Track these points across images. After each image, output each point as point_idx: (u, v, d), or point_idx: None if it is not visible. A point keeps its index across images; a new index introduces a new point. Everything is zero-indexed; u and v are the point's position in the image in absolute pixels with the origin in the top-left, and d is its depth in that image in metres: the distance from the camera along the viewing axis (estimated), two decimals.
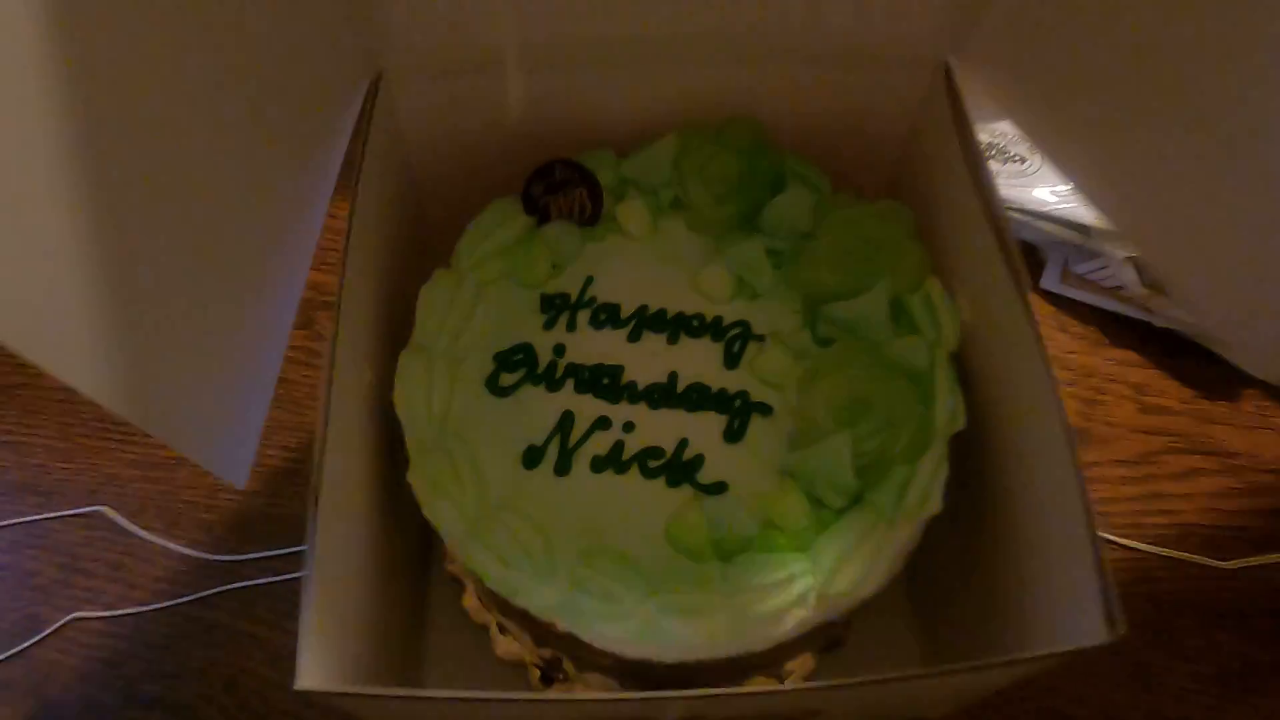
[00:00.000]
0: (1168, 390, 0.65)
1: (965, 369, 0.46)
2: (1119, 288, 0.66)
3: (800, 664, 0.50)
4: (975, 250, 0.44)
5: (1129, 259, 0.63)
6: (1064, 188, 0.68)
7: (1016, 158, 0.70)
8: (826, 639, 0.51)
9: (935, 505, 0.40)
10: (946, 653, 0.49)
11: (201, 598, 0.56)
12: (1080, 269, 0.68)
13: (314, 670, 0.33)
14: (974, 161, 0.44)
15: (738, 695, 0.35)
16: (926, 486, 0.40)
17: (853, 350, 0.41)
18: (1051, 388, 0.38)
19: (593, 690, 0.46)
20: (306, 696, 0.32)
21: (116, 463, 0.61)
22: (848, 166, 0.50)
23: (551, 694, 0.52)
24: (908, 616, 0.53)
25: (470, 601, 0.55)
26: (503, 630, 0.54)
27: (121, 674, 0.53)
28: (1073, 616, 0.35)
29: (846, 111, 0.51)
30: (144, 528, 0.58)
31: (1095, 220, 0.65)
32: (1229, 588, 0.57)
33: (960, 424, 0.42)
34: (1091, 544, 0.34)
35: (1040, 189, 0.68)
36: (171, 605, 0.56)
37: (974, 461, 0.45)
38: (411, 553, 0.51)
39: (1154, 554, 0.58)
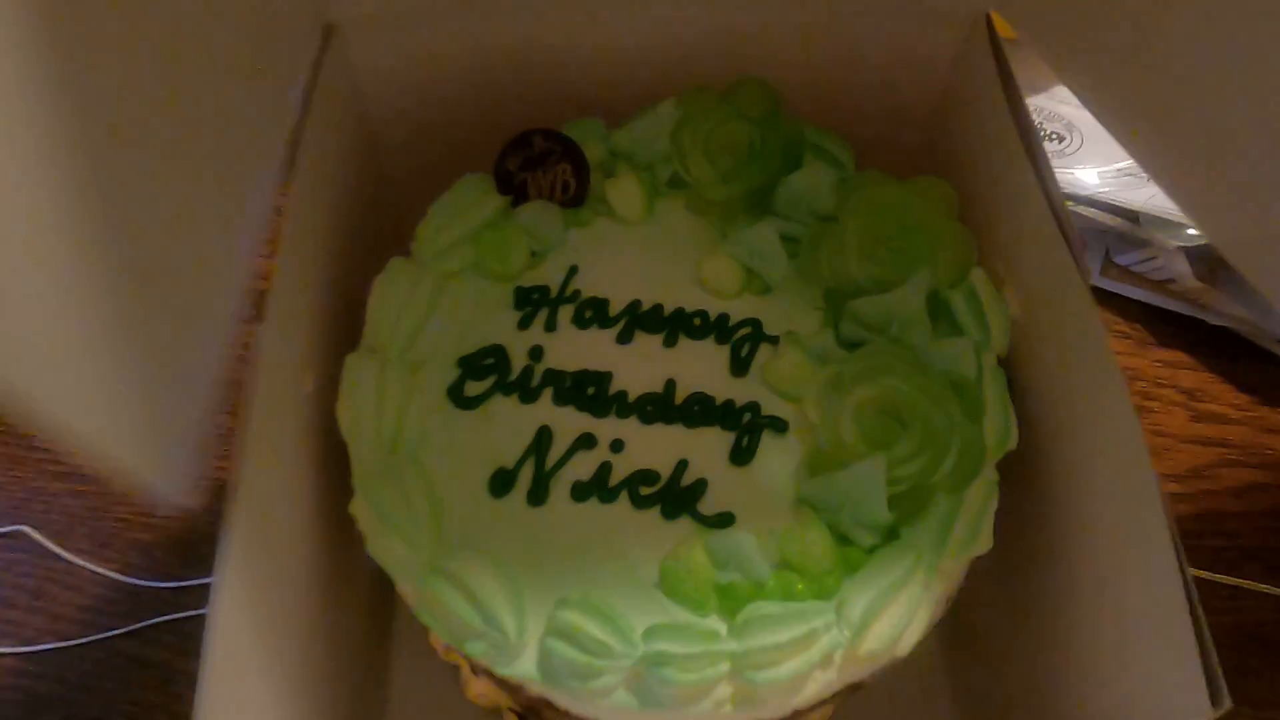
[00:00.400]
0: (1223, 396, 0.59)
1: (1016, 377, 0.39)
2: (1169, 281, 0.59)
3: (817, 713, 0.44)
4: (1028, 234, 0.38)
5: (1182, 248, 0.57)
6: (1108, 168, 0.61)
7: (1054, 136, 0.63)
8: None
9: (985, 543, 0.33)
10: (981, 694, 0.42)
11: (134, 630, 0.49)
12: (1125, 260, 0.61)
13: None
14: (1024, 127, 0.37)
15: None
16: (975, 520, 0.33)
17: (885, 355, 0.34)
18: (1124, 399, 0.31)
19: None
20: None
21: (41, 475, 0.54)
22: (873, 137, 0.43)
23: None
24: (935, 647, 0.46)
25: (438, 638, 0.48)
26: (475, 671, 0.47)
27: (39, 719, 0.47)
28: (1156, 686, 0.28)
29: (871, 71, 0.44)
30: (70, 550, 0.51)
31: (1145, 204, 0.58)
32: None
33: (1012, 443, 0.35)
34: (1185, 594, 0.28)
35: (1081, 170, 0.61)
36: (99, 639, 0.49)
37: (1025, 487, 0.38)
38: (370, 582, 0.44)
39: (1210, 581, 0.52)
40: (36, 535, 0.52)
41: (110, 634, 0.49)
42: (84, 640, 0.49)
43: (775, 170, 0.41)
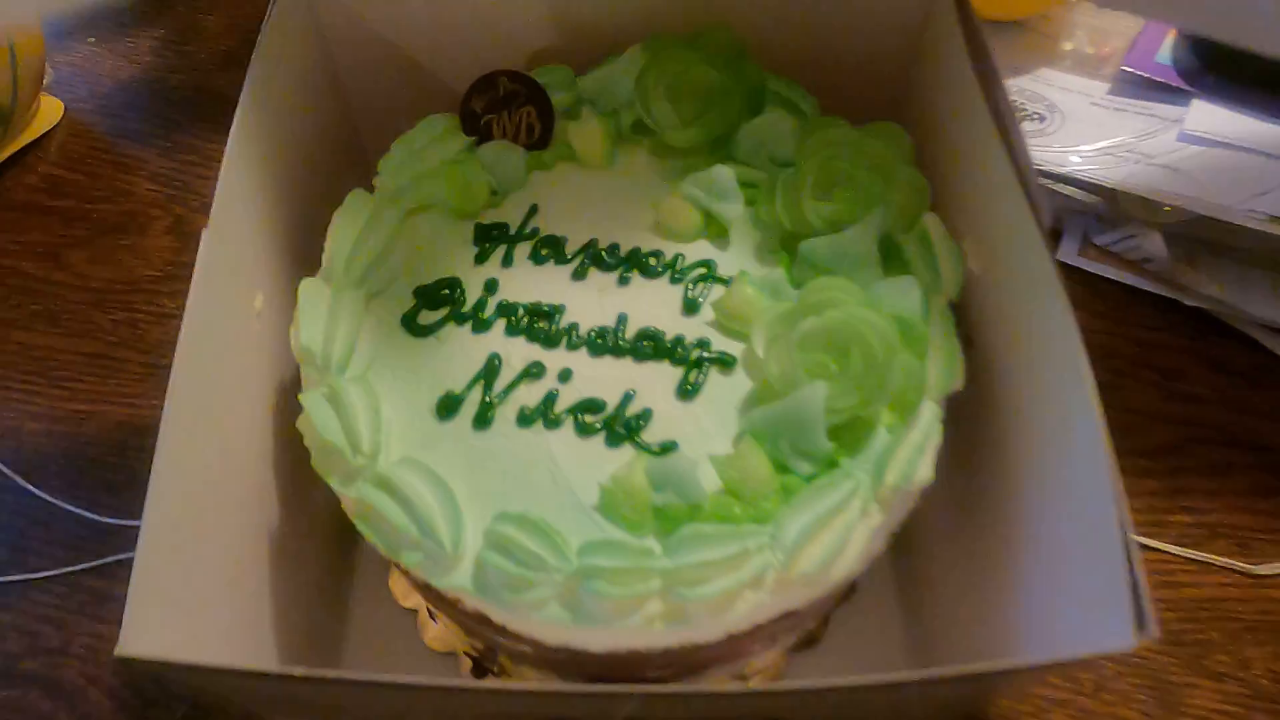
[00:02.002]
0: (1197, 376, 0.58)
1: (971, 326, 0.39)
2: (1146, 261, 0.59)
3: (767, 663, 0.44)
4: (987, 183, 0.38)
5: (1158, 227, 0.57)
6: (1088, 148, 0.61)
7: (1035, 116, 0.64)
8: (798, 635, 0.45)
9: (924, 477, 0.33)
10: (937, 653, 0.42)
11: (97, 566, 0.50)
12: (1102, 240, 0.61)
13: (145, 635, 0.26)
14: (987, 76, 0.37)
15: (675, 695, 0.28)
16: (914, 454, 0.33)
17: (832, 289, 0.35)
18: (1077, 347, 0.31)
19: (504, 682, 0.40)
20: (136, 666, 0.26)
21: (16, 414, 0.55)
22: (840, 91, 0.43)
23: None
24: (893, 609, 0.46)
25: (397, 583, 0.49)
26: (433, 616, 0.47)
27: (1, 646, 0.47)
28: (1093, 617, 0.28)
29: (838, 27, 0.44)
30: (42, 487, 0.52)
31: (1122, 183, 0.58)
32: (1261, 597, 0.51)
33: (958, 383, 0.36)
34: (1121, 532, 0.28)
35: (1061, 150, 0.61)
36: (63, 573, 0.49)
37: (978, 434, 0.38)
38: (329, 523, 0.45)
39: (1178, 556, 0.52)
40: (8, 472, 0.52)
41: (74, 569, 0.50)
42: (49, 574, 0.49)
43: (737, 117, 0.41)
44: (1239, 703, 0.47)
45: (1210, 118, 0.60)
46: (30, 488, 0.52)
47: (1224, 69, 0.61)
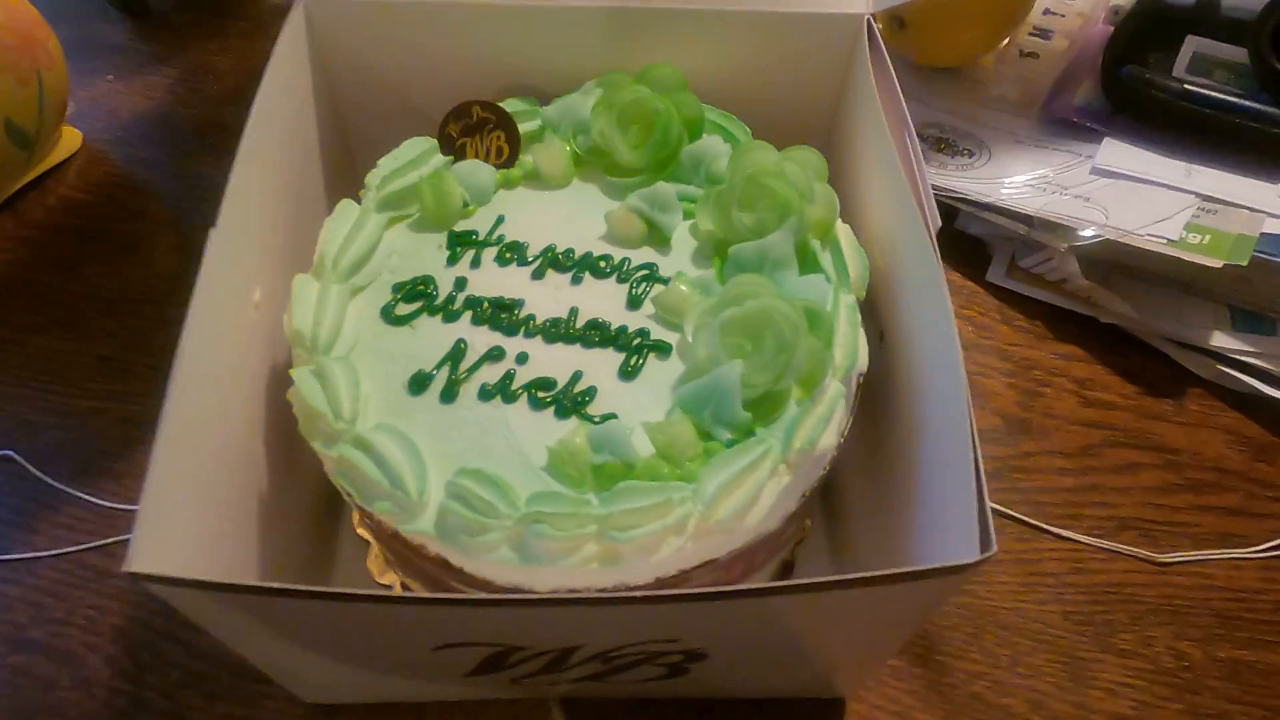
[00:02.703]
0: (1110, 385, 0.64)
1: (883, 321, 0.45)
2: (1063, 280, 0.65)
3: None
4: (888, 192, 0.44)
5: (1071, 249, 0.63)
6: (1013, 180, 0.67)
7: (965, 151, 0.70)
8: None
9: (828, 443, 0.39)
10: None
11: (100, 546, 0.54)
12: (1026, 263, 0.67)
13: (152, 554, 0.31)
14: (895, 112, 0.44)
15: (575, 601, 0.32)
16: (818, 423, 0.39)
17: (752, 284, 0.40)
18: (951, 336, 0.37)
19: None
20: (148, 587, 0.31)
21: (32, 409, 0.60)
22: (771, 122, 0.50)
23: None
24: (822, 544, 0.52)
25: (374, 562, 0.53)
26: (406, 588, 0.52)
27: (6, 619, 0.51)
28: (953, 540, 0.33)
29: (770, 67, 0.51)
30: (51, 475, 0.57)
31: (1039, 210, 0.64)
32: (1165, 583, 0.55)
33: (861, 364, 0.41)
34: (973, 467, 0.33)
35: (989, 183, 0.68)
36: (69, 552, 0.54)
37: (887, 409, 0.44)
38: (313, 506, 0.50)
39: (1090, 545, 0.57)
40: (22, 461, 0.57)
41: (79, 548, 0.54)
42: (55, 552, 0.54)
43: (678, 141, 0.47)
44: (1142, 676, 0.52)
45: (1119, 154, 0.66)
46: (41, 475, 0.57)
47: (1131, 112, 0.68)
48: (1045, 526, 0.57)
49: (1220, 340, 0.62)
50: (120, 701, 0.49)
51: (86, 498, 0.56)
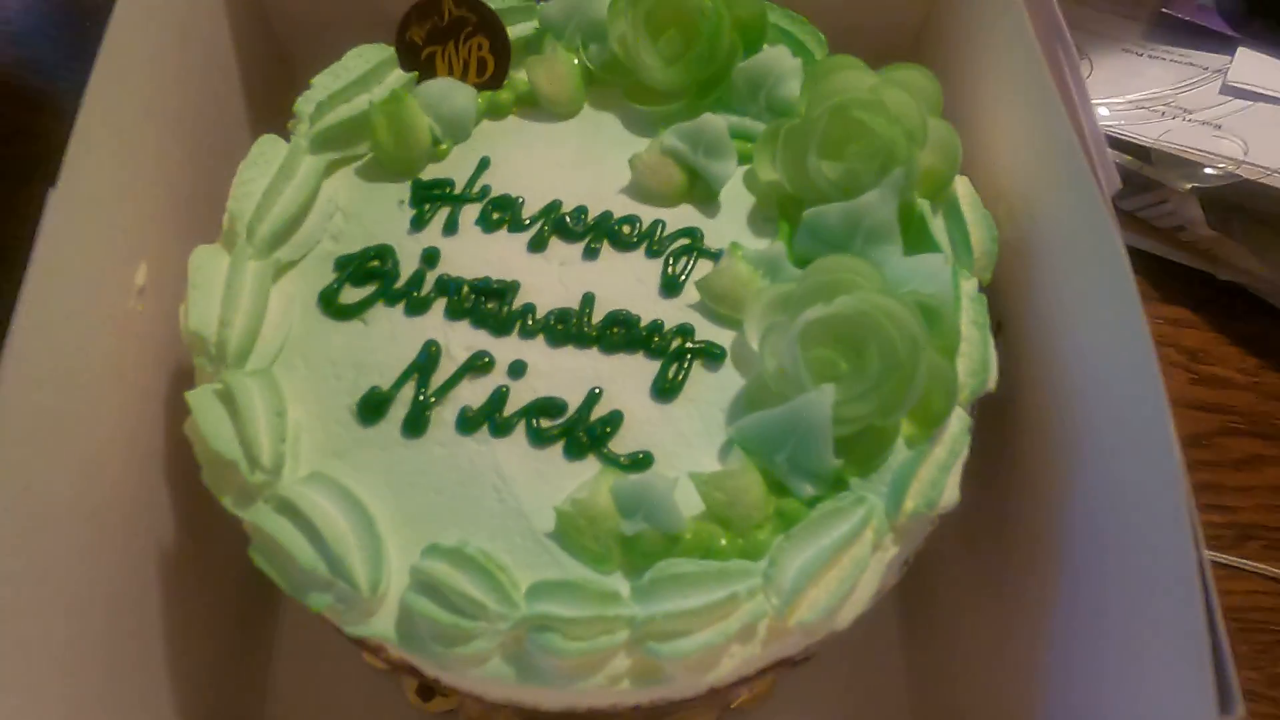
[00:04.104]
0: (1228, 358, 0.54)
1: (1002, 311, 0.33)
2: (1179, 229, 0.54)
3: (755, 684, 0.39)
4: (1032, 137, 0.31)
5: (1196, 190, 0.51)
6: (1120, 100, 0.55)
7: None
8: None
9: (951, 499, 0.28)
10: (941, 685, 0.37)
11: None
12: (1130, 204, 0.56)
13: None
14: (1045, 18, 0.31)
15: None
16: (939, 474, 0.28)
17: (843, 270, 0.29)
18: (1146, 347, 0.25)
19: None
20: None
21: None
22: (854, 25, 0.37)
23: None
24: (891, 624, 0.42)
25: None
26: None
27: None
28: (1155, 692, 0.23)
29: None
30: None
31: (1158, 140, 0.52)
32: None
33: (990, 384, 0.30)
34: (1200, 579, 0.22)
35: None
36: None
37: (1005, 440, 0.33)
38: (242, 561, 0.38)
39: (1208, 559, 0.47)
40: None
41: None
42: None
43: (729, 54, 0.35)
44: None
45: (1258, 69, 0.55)
46: None
47: (1275, 12, 0.55)
48: None
49: None
50: None
51: None
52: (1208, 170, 0.51)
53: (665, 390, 0.30)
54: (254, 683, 0.39)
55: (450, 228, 0.33)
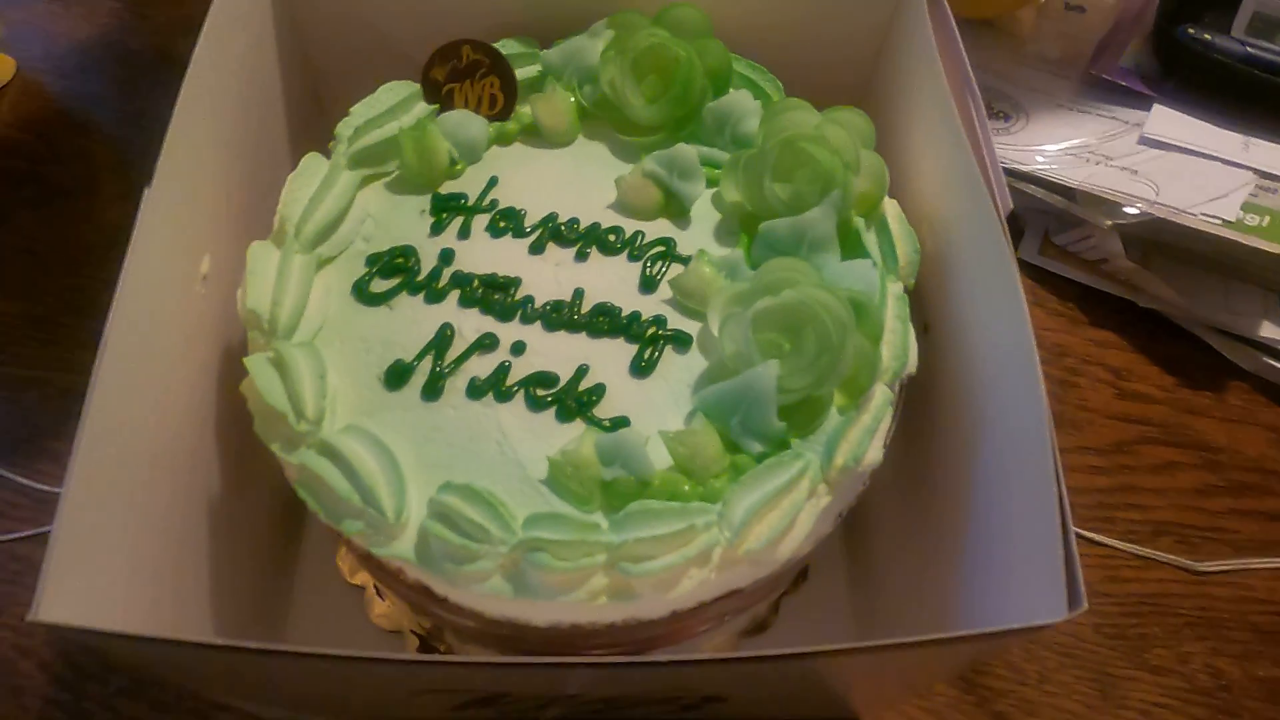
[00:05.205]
0: (1148, 376, 0.59)
1: (928, 312, 0.39)
2: (1103, 261, 0.60)
3: (714, 648, 0.44)
4: (946, 168, 0.38)
5: (1115, 226, 0.57)
6: (1052, 148, 0.61)
7: (999, 114, 0.64)
8: (749, 621, 0.45)
9: (874, 459, 0.34)
10: (884, 634, 0.42)
11: (35, 535, 0.48)
12: (1062, 240, 0.62)
13: (64, 601, 0.25)
14: (955, 65, 0.38)
15: (622, 666, 0.28)
16: (864, 436, 0.33)
17: (788, 270, 0.35)
18: (1028, 338, 0.31)
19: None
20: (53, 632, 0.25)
21: None
22: (805, 75, 0.43)
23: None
24: (842, 595, 0.47)
25: (344, 559, 0.48)
26: (380, 593, 0.47)
27: None
28: (1030, 593, 0.28)
29: (806, 9, 0.44)
30: None
31: (1082, 183, 0.58)
32: (1202, 594, 0.52)
33: (911, 366, 0.36)
34: (1055, 495, 0.28)
35: (1025, 149, 0.62)
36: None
37: (930, 417, 0.39)
38: (275, 495, 0.44)
39: (1123, 551, 0.53)
40: None
41: (10, 537, 0.48)
42: None
43: (701, 95, 0.41)
44: (1177, 696, 0.48)
45: (1170, 123, 0.61)
46: None
47: (1185, 75, 0.62)
48: (1077, 530, 0.53)
49: (1269, 331, 0.58)
50: (57, 713, 0.44)
51: (19, 480, 0.50)
52: (1126, 209, 0.57)
53: (641, 368, 0.36)
54: (271, 635, 0.44)
55: (464, 233, 0.39)
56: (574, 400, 0.35)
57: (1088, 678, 0.48)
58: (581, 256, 0.38)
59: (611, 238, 0.39)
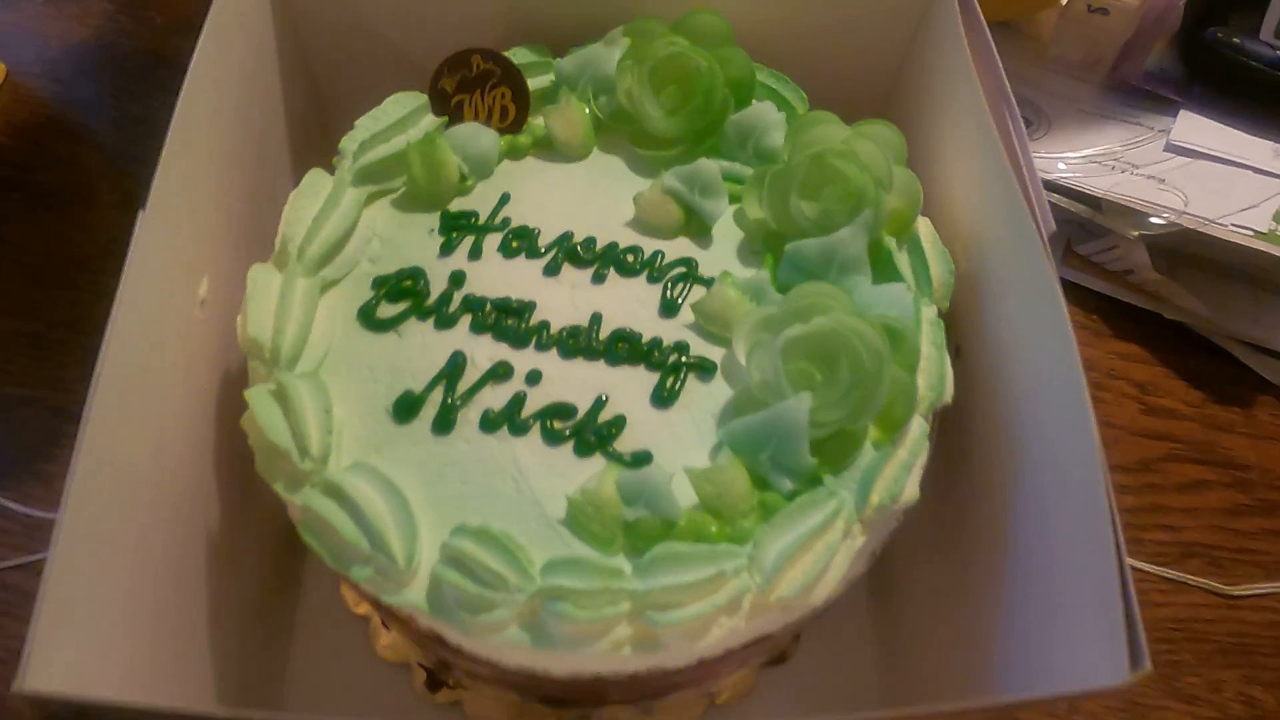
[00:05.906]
0: (1174, 391, 0.58)
1: (961, 335, 0.38)
2: (1128, 272, 0.58)
3: (735, 681, 0.42)
4: (982, 185, 0.36)
5: (1142, 237, 0.56)
6: (1075, 155, 0.60)
7: (1023, 120, 0.62)
8: (767, 651, 0.43)
9: (911, 495, 0.32)
10: (910, 675, 0.40)
11: (26, 564, 0.46)
12: (1085, 249, 0.60)
13: (53, 665, 0.24)
14: (989, 72, 0.36)
15: None
16: (901, 472, 0.31)
17: (819, 295, 0.33)
18: (1073, 364, 0.29)
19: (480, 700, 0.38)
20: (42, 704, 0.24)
21: None
22: (829, 85, 0.41)
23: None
24: (865, 626, 0.45)
25: (348, 589, 0.46)
26: (385, 625, 0.45)
27: None
28: (1082, 650, 0.27)
29: (830, 17, 0.42)
30: None
31: (1108, 192, 0.57)
32: (1235, 618, 0.50)
33: (947, 397, 0.34)
34: (1116, 562, 0.26)
35: (1047, 156, 0.60)
36: None
37: (963, 448, 0.37)
38: (278, 522, 0.42)
39: (1151, 574, 0.51)
40: None
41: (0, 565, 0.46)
42: None
43: (723, 107, 0.39)
44: None
45: (1197, 129, 0.59)
46: None
47: (1212, 80, 0.61)
48: None
49: None
50: None
51: (9, 505, 0.48)
52: (1153, 219, 0.56)
53: (663, 398, 0.34)
54: (273, 670, 0.42)
55: (475, 253, 0.37)
56: (593, 433, 0.33)
57: (1117, 707, 0.47)
58: (599, 278, 0.37)
59: (630, 258, 0.37)
